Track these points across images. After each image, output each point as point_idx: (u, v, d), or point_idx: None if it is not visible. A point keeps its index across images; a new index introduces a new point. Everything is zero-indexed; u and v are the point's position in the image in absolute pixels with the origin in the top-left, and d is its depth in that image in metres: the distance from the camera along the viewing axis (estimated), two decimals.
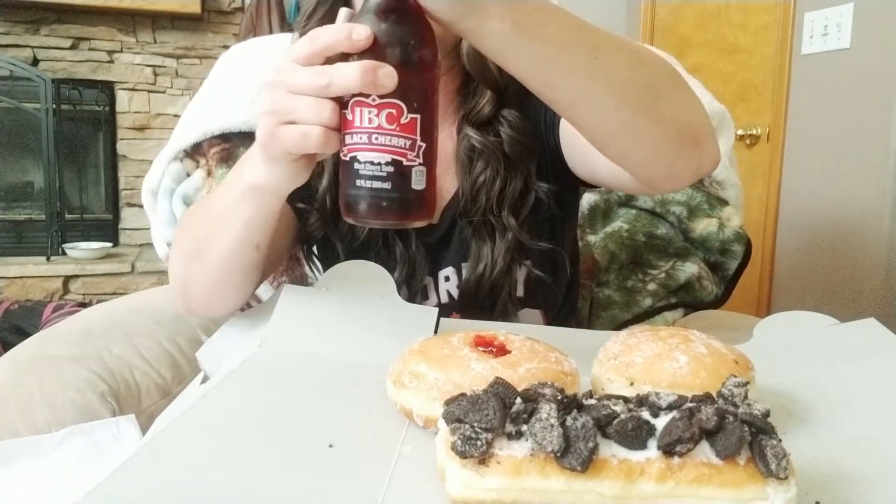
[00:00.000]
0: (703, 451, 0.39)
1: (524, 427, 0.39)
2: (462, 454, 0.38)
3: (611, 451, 0.39)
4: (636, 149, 0.59)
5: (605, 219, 1.22)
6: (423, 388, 0.49)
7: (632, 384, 0.52)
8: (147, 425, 0.62)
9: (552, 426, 0.38)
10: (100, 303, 1.11)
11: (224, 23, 3.27)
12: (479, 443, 0.38)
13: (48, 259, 3.07)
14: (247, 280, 0.70)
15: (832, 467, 0.46)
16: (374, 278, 0.72)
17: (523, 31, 0.49)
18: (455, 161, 0.82)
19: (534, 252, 0.82)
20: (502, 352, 0.52)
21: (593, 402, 0.41)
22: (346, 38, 0.48)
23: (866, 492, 0.44)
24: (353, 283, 0.71)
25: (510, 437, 0.39)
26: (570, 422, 0.39)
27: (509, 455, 0.38)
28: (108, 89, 3.19)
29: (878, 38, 1.82)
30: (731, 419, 0.39)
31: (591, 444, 0.38)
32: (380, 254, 0.81)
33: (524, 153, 0.80)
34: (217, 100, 1.14)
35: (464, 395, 0.41)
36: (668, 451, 0.38)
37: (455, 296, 0.83)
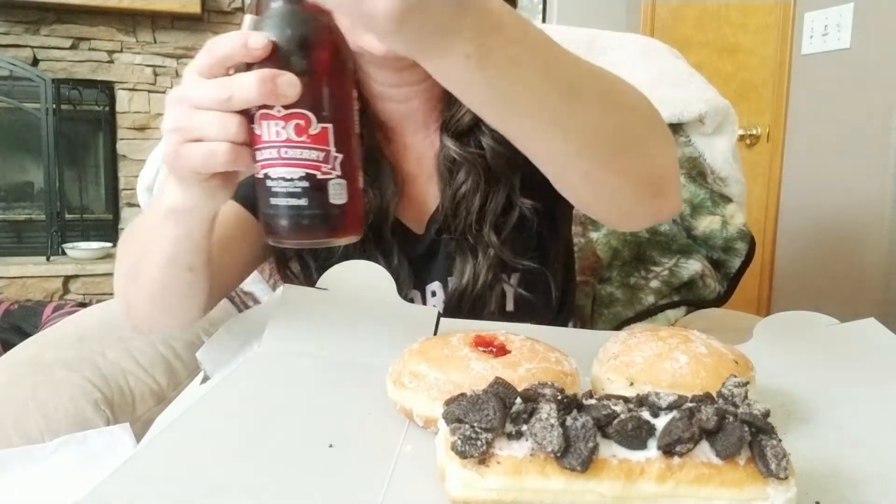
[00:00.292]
0: (703, 451, 0.39)
1: (524, 427, 0.39)
2: (462, 454, 0.38)
3: (611, 451, 0.39)
4: (594, 197, 0.55)
5: None
6: (423, 388, 0.49)
7: (632, 384, 0.52)
8: (142, 433, 0.61)
9: (552, 426, 0.38)
10: (99, 303, 1.11)
11: (224, 23, 3.27)
12: (479, 443, 0.38)
13: (48, 259, 3.07)
14: (186, 302, 0.66)
15: (832, 467, 0.46)
16: (374, 278, 0.72)
17: (490, 67, 0.41)
18: (436, 172, 0.79)
19: (518, 269, 0.79)
20: (502, 352, 0.52)
21: (593, 402, 0.41)
22: (242, 46, 0.45)
23: (866, 492, 0.44)
24: (353, 283, 0.71)
25: (510, 437, 0.39)
26: (570, 422, 0.39)
27: (509, 455, 0.38)
28: (108, 89, 3.19)
29: (878, 38, 1.82)
30: (731, 419, 0.39)
31: (591, 444, 0.38)
32: None
33: (507, 166, 0.76)
34: None
35: (464, 395, 0.41)
36: (668, 451, 0.38)
37: (441, 311, 0.81)
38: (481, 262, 0.77)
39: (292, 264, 0.82)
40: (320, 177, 0.46)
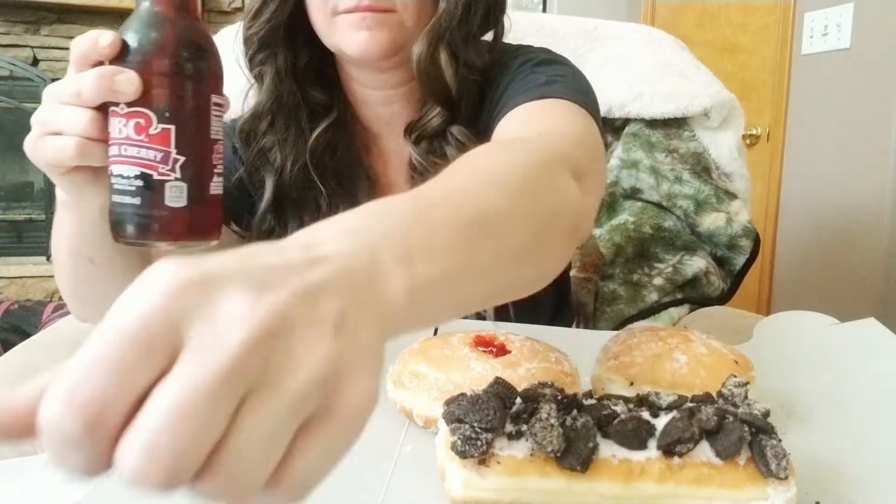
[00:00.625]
0: (703, 451, 0.39)
1: (524, 427, 0.39)
2: (462, 454, 0.38)
3: (611, 451, 0.39)
4: (528, 285, 0.45)
5: (610, 211, 1.20)
6: (423, 388, 0.49)
7: (632, 384, 0.52)
8: None
9: (552, 426, 0.38)
10: None
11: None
12: (479, 443, 0.38)
13: (48, 259, 3.07)
14: (102, 296, 0.63)
15: (832, 467, 0.46)
16: None
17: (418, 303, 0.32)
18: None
19: None
20: (502, 352, 0.52)
21: (593, 402, 0.41)
22: (93, 44, 0.46)
23: (866, 492, 0.44)
24: None
25: (510, 437, 0.39)
26: (570, 422, 0.39)
27: (509, 455, 0.38)
28: None
29: (878, 38, 1.82)
30: (731, 419, 0.39)
31: (591, 444, 0.38)
32: None
33: None
34: None
35: (464, 395, 0.41)
36: (668, 451, 0.38)
37: None
38: None
39: None
40: (157, 177, 0.45)
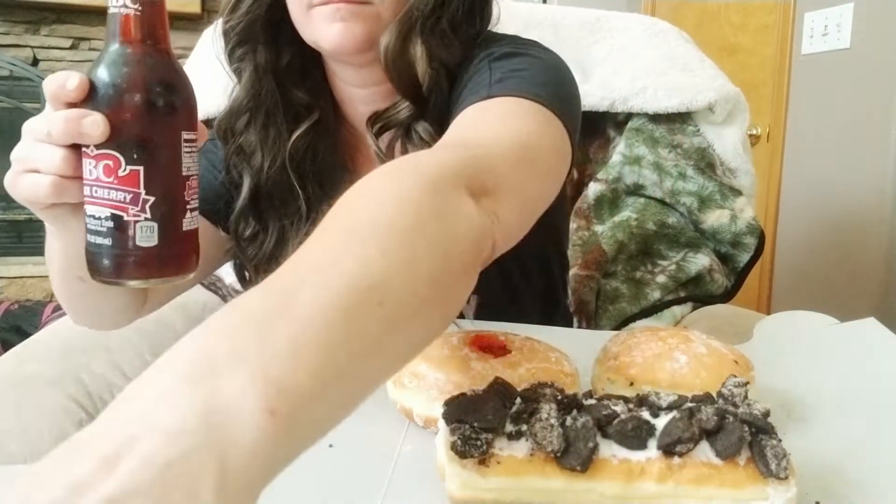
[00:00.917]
0: (703, 451, 0.39)
1: (524, 427, 0.39)
2: (462, 454, 0.38)
3: (611, 451, 0.39)
4: (437, 331, 0.41)
5: (612, 208, 1.18)
6: (423, 388, 0.49)
7: (632, 384, 0.52)
8: None
9: (552, 426, 0.38)
10: None
11: None
12: (479, 443, 0.38)
13: None
14: (95, 309, 0.65)
15: (832, 467, 0.46)
16: None
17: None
18: None
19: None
20: (502, 352, 0.52)
21: (593, 402, 0.41)
22: (61, 87, 0.46)
23: (866, 492, 0.44)
24: None
25: (510, 437, 0.39)
26: (570, 422, 0.39)
27: (509, 455, 0.38)
28: None
29: (878, 38, 1.82)
30: (731, 419, 0.39)
31: (591, 444, 0.38)
32: None
33: None
34: (196, 84, 1.10)
35: (464, 395, 0.41)
36: (668, 451, 0.38)
37: None
38: None
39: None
40: (127, 218, 0.46)
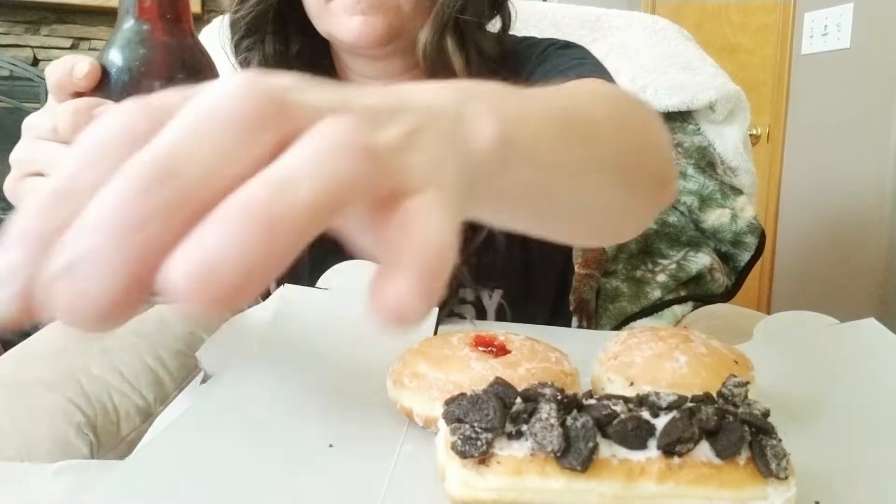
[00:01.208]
0: (704, 451, 0.39)
1: (524, 427, 0.39)
2: (462, 454, 0.38)
3: (611, 451, 0.39)
4: (616, 226, 0.48)
5: None
6: (423, 388, 0.49)
7: (632, 384, 0.52)
8: (127, 454, 0.59)
9: (552, 426, 0.38)
10: None
11: None
12: (479, 443, 0.38)
13: None
14: None
15: (832, 467, 0.46)
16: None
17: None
18: None
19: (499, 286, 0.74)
20: (502, 352, 0.52)
21: (593, 402, 0.41)
22: (67, 75, 0.41)
23: (866, 492, 0.44)
24: (353, 282, 0.71)
25: (510, 437, 0.39)
26: (570, 422, 0.39)
27: (509, 455, 0.38)
28: None
29: (878, 38, 1.82)
30: (731, 419, 0.39)
31: (591, 444, 0.38)
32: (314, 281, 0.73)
33: None
34: None
35: (464, 395, 0.41)
36: (668, 450, 0.38)
37: None
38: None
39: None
40: None
